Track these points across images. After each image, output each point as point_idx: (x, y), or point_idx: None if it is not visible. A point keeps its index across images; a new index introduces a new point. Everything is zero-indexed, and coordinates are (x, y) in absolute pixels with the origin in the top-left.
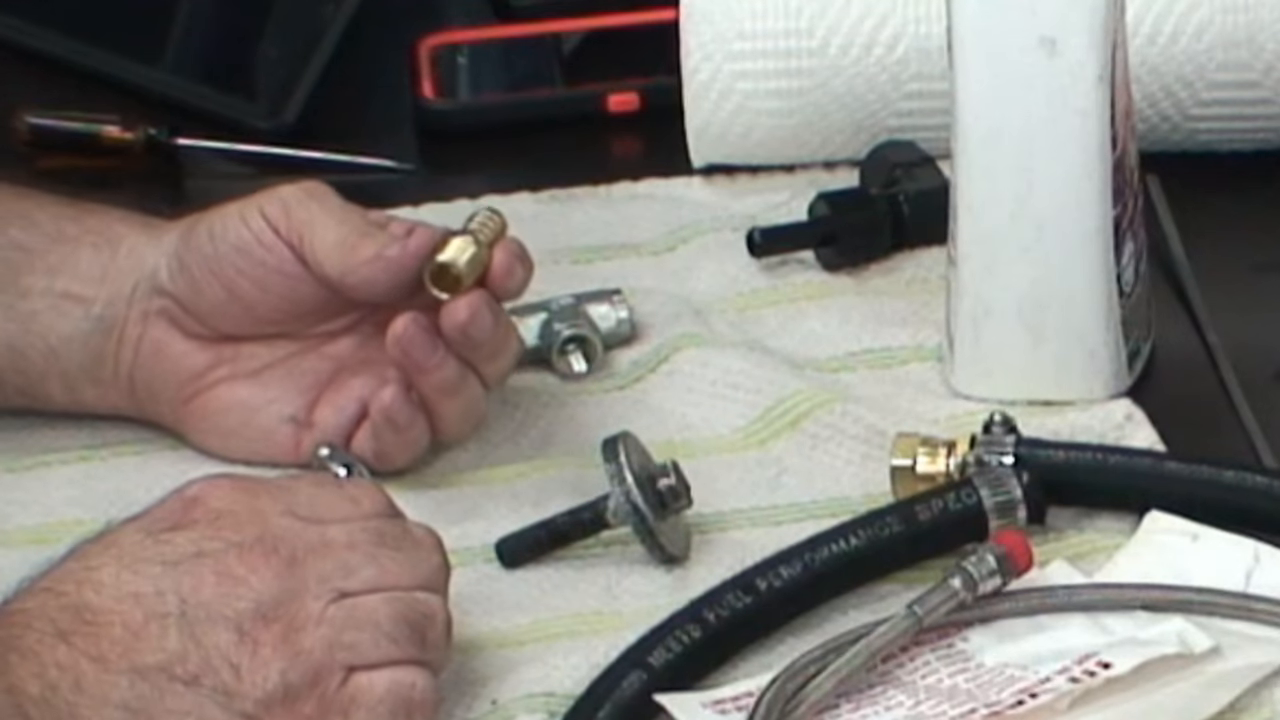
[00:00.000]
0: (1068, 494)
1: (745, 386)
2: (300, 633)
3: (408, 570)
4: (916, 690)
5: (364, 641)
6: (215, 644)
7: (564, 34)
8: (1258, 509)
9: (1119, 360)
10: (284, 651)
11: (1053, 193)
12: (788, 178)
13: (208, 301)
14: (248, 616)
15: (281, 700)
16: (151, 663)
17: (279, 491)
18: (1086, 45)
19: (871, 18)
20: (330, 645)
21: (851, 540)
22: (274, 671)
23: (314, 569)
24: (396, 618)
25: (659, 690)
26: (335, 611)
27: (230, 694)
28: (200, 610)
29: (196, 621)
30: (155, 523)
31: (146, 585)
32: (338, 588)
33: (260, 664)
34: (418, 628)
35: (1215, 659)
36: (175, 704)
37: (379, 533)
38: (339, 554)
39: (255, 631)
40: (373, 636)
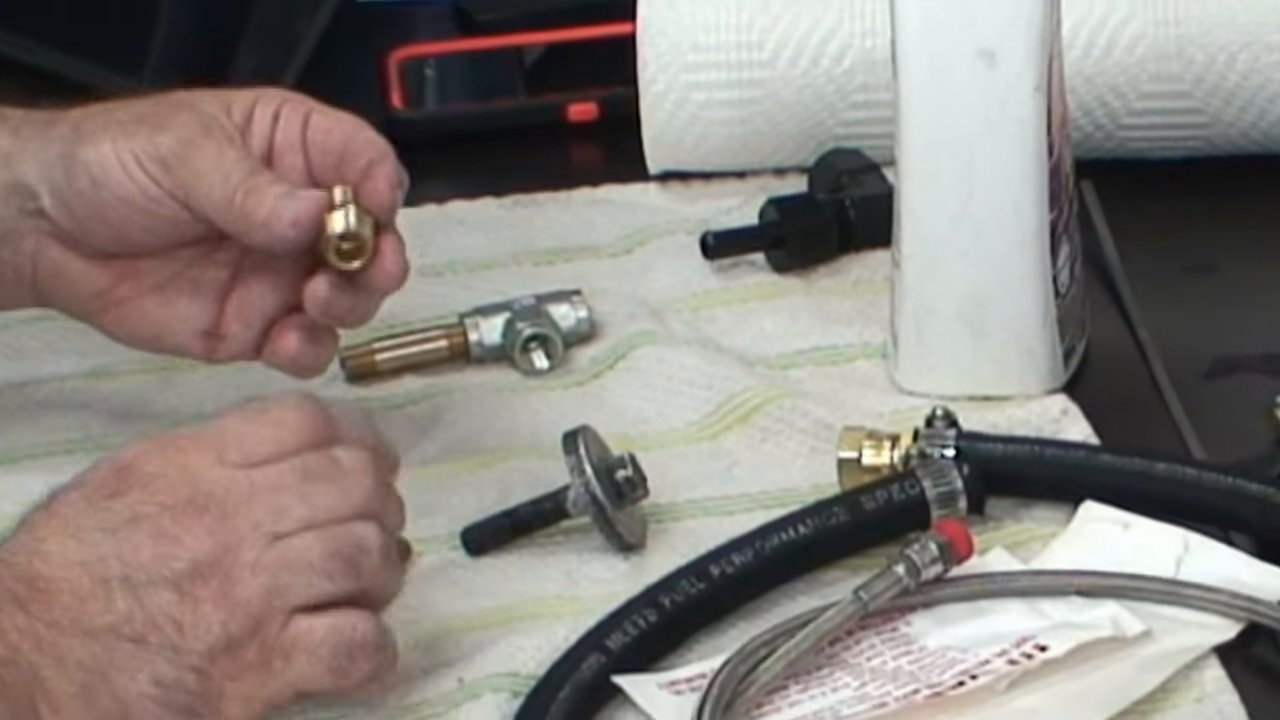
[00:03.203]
0: (1006, 485)
1: (699, 382)
2: (237, 584)
3: (339, 501)
4: (862, 672)
5: (299, 583)
6: (158, 604)
7: (526, 47)
8: (1187, 499)
9: (1055, 357)
10: (223, 605)
11: (992, 198)
12: (739, 184)
13: (97, 236)
14: (185, 575)
15: (225, 650)
16: (100, 625)
17: (206, 441)
18: (1024, 57)
19: (819, 31)
20: (267, 592)
21: (800, 529)
22: (215, 624)
23: (246, 518)
24: (328, 554)
25: (617, 672)
26: (269, 557)
27: (177, 649)
28: (141, 573)
29: (138, 584)
30: (93, 491)
31: (89, 552)
32: (270, 532)
33: (202, 619)
34: (351, 560)
35: (1147, 642)
36: (126, 662)
37: (306, 469)
38: (268, 498)
39: (194, 589)
40: (306, 577)
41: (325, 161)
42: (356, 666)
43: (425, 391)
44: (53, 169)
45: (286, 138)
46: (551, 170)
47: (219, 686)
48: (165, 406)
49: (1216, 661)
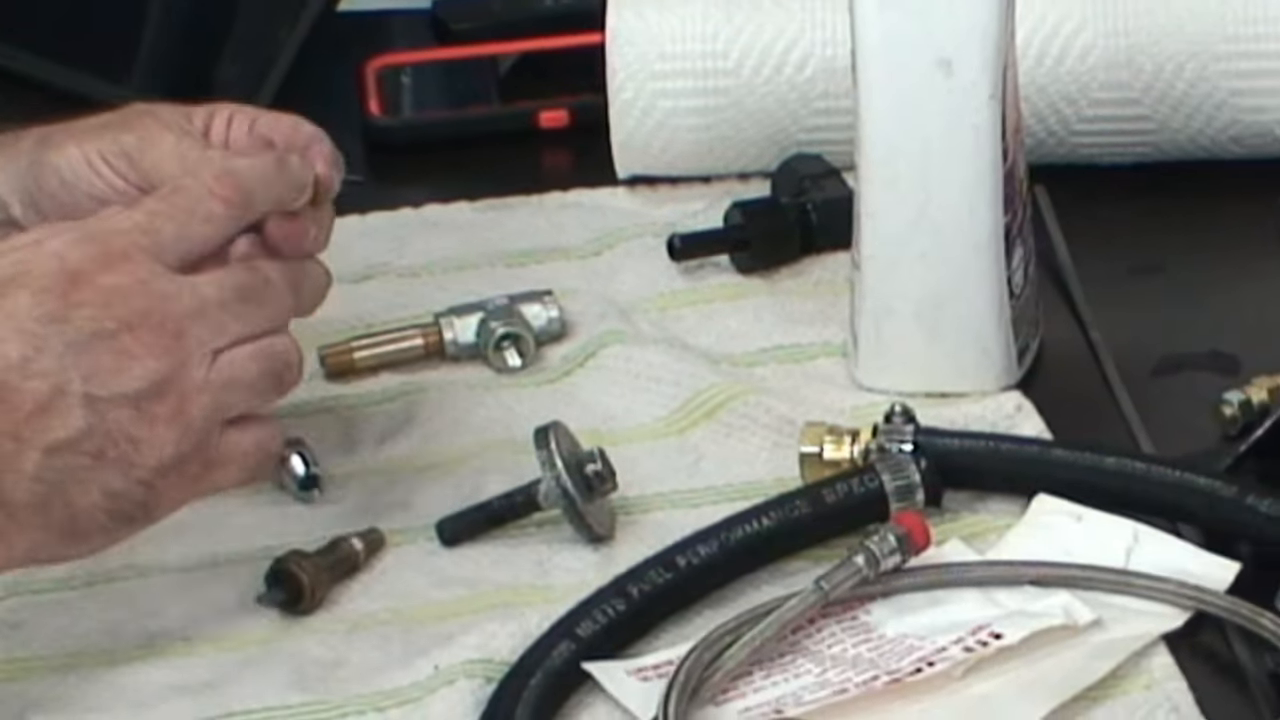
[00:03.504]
0: (962, 479)
1: (666, 380)
2: (188, 403)
3: (269, 318)
4: (823, 659)
5: (238, 401)
6: (117, 420)
7: (499, 56)
8: (1136, 492)
9: (1009, 356)
10: (176, 423)
11: (948, 202)
12: (705, 188)
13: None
14: (144, 394)
15: (174, 466)
16: (61, 439)
17: (143, 241)
18: (980, 66)
19: (782, 41)
20: (212, 409)
21: (763, 521)
22: (169, 443)
23: (193, 335)
24: (261, 372)
25: (587, 659)
26: (213, 376)
27: (131, 464)
28: (103, 389)
29: (99, 400)
30: (45, 295)
31: (50, 363)
32: (213, 348)
33: (156, 437)
34: (279, 375)
35: (1098, 630)
36: (82, 475)
37: (241, 288)
38: (212, 315)
39: (150, 407)
40: (244, 395)
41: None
42: (265, 472)
43: (402, 389)
44: (23, 178)
45: (237, 136)
46: (523, 175)
47: (159, 497)
48: None
49: (1165, 649)
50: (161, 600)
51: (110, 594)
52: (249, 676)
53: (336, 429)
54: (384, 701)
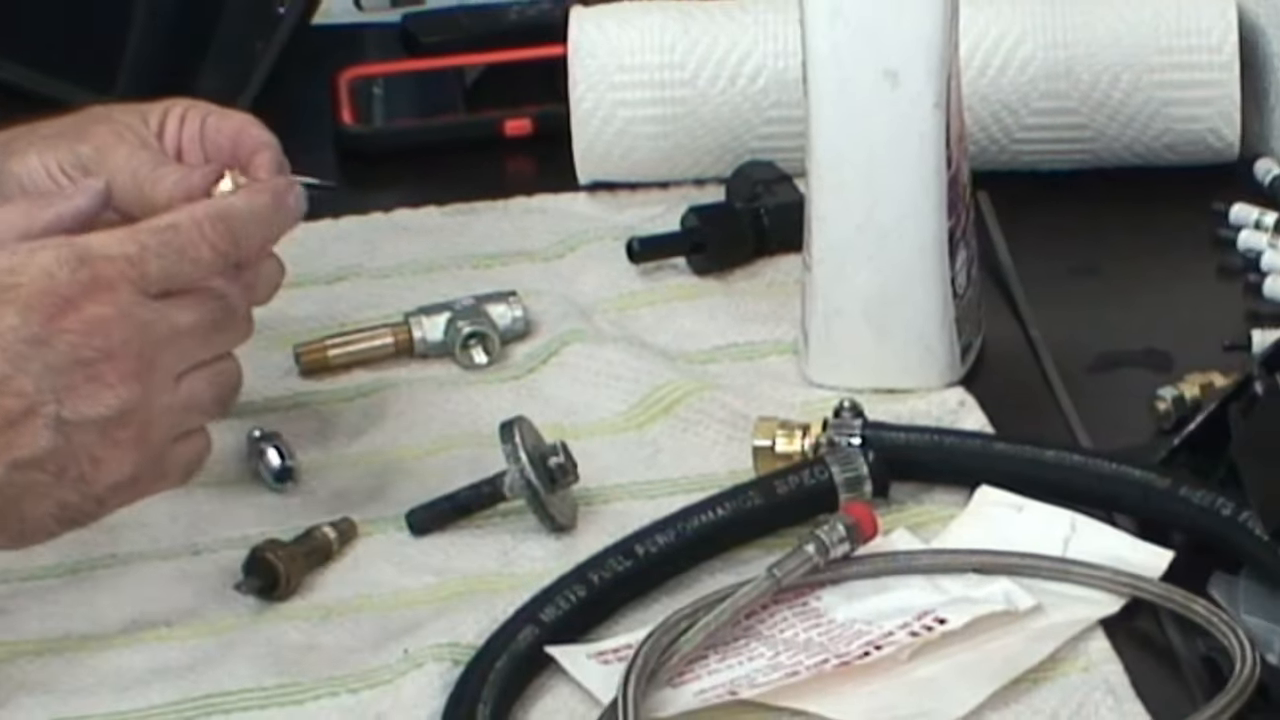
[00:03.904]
0: (908, 471)
1: (625, 376)
2: (151, 428)
3: (228, 344)
4: (775, 643)
5: (191, 422)
6: (82, 443)
7: (466, 67)
8: (1074, 484)
9: (953, 353)
10: (137, 449)
11: (895, 206)
12: (662, 193)
13: None
14: (111, 421)
15: (128, 484)
16: (26, 457)
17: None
18: (925, 77)
19: (736, 53)
20: (169, 431)
21: (718, 511)
22: (128, 465)
23: (164, 363)
24: (215, 397)
25: (550, 643)
26: (175, 401)
27: (88, 482)
28: (74, 414)
29: (68, 423)
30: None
31: (29, 384)
32: (176, 373)
33: (116, 459)
34: (226, 398)
35: (1038, 615)
36: (41, 490)
37: (212, 318)
38: (182, 342)
39: (116, 432)
40: (198, 417)
41: (219, 154)
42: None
43: (373, 385)
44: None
45: (189, 135)
46: (489, 181)
47: (107, 509)
48: None
49: (1101, 633)
50: (143, 587)
51: (94, 581)
52: (227, 660)
53: (311, 424)
54: (356, 684)
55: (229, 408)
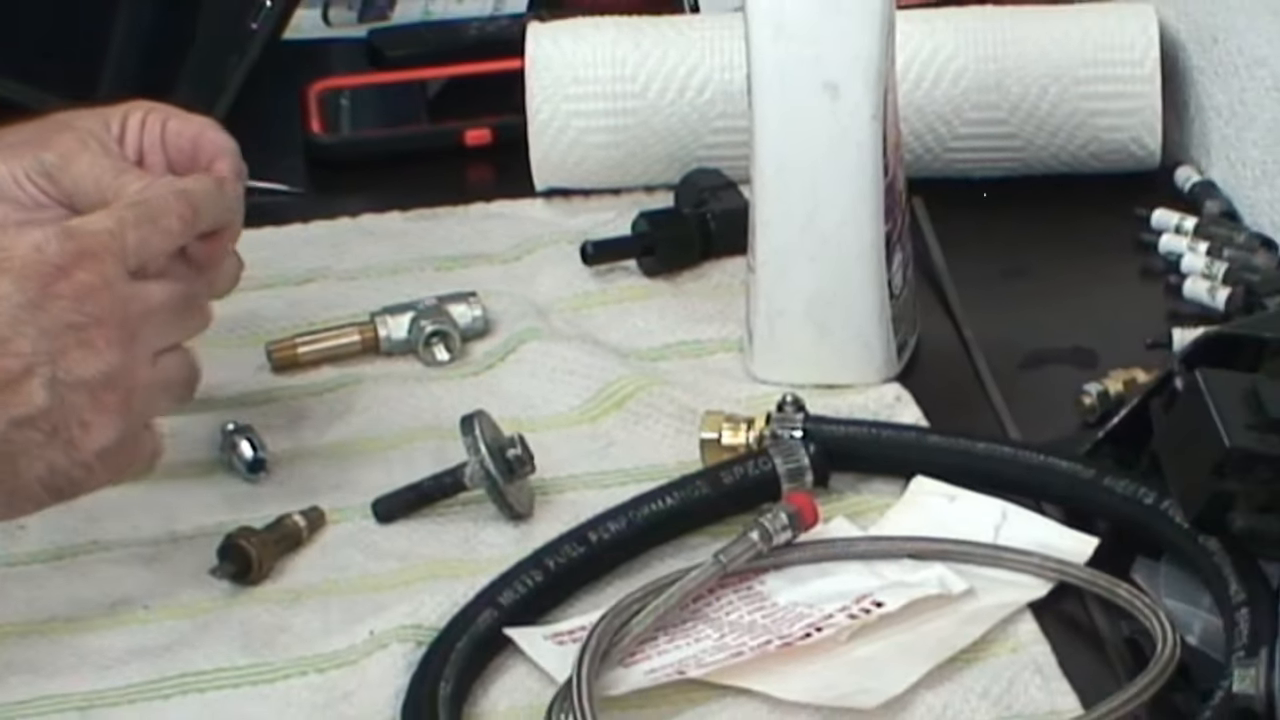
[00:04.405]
0: (847, 462)
1: (579, 372)
2: (133, 396)
3: (194, 328)
4: (721, 625)
5: (162, 403)
6: (73, 405)
7: (429, 80)
8: (1005, 475)
9: (890, 351)
10: (121, 414)
11: (834, 212)
12: (614, 199)
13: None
14: (100, 383)
15: (111, 453)
16: (21, 414)
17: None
18: (863, 90)
19: (684, 66)
20: (147, 405)
21: (667, 500)
22: (112, 430)
23: (143, 337)
24: (182, 380)
25: (508, 625)
26: (154, 377)
27: (76, 446)
28: (67, 375)
29: (62, 383)
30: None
31: (25, 345)
32: (155, 349)
33: (103, 423)
34: (190, 385)
35: (970, 599)
36: (34, 450)
37: (183, 299)
38: (158, 319)
39: (103, 396)
40: (167, 399)
41: (180, 158)
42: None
43: (341, 380)
44: None
45: (150, 140)
46: (451, 188)
47: (92, 478)
48: None
49: (1030, 616)
50: (123, 573)
51: (75, 567)
52: (202, 641)
53: (282, 417)
54: (324, 664)
55: (189, 395)
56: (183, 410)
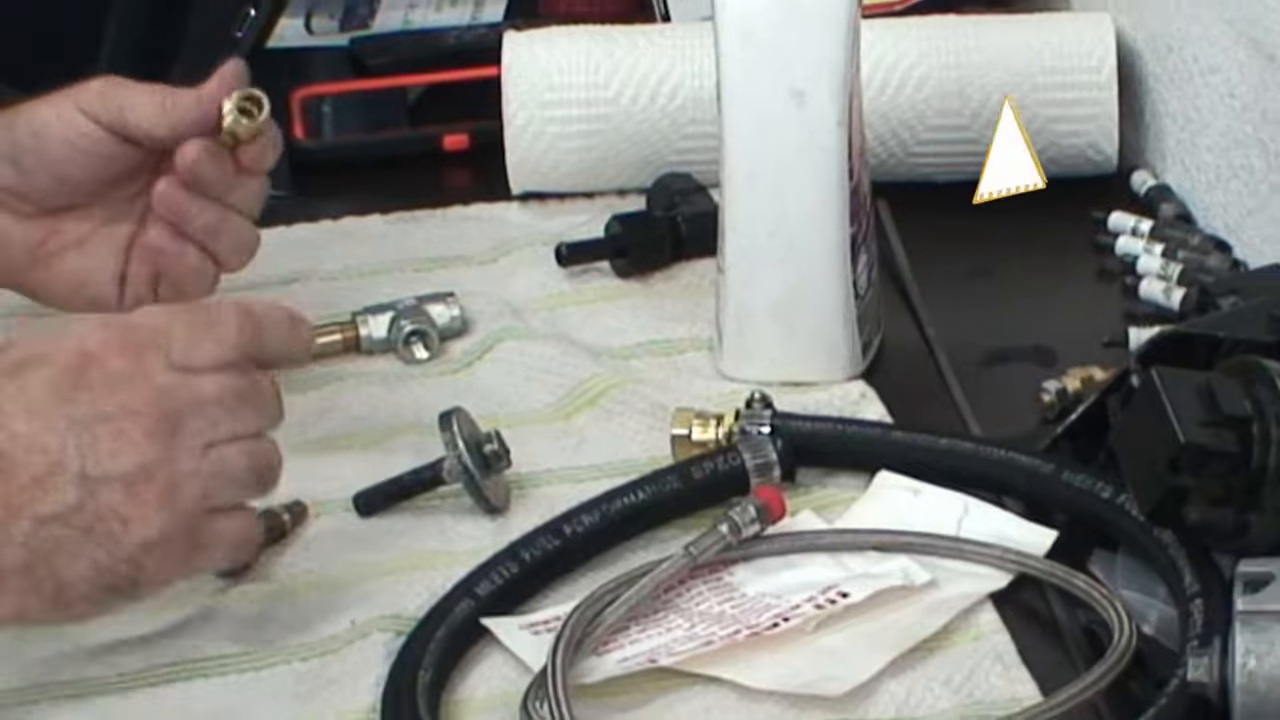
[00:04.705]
0: (813, 457)
1: (554, 370)
2: (177, 489)
3: (258, 421)
4: (691, 615)
5: (226, 492)
6: (107, 499)
7: (409, 87)
8: (966, 470)
9: (855, 349)
10: (165, 506)
11: (801, 215)
12: (588, 202)
13: (36, 187)
14: (136, 477)
15: (159, 545)
16: (51, 512)
17: (159, 340)
18: (829, 97)
19: (655, 74)
20: (201, 496)
21: (639, 494)
22: (155, 524)
23: (189, 427)
24: (249, 469)
25: (485, 615)
26: (204, 466)
27: (117, 541)
28: (97, 469)
29: (93, 479)
30: (60, 375)
31: (54, 440)
32: (206, 441)
33: (143, 518)
34: (262, 474)
35: (933, 590)
36: (70, 547)
37: (238, 391)
38: (208, 410)
39: (141, 489)
40: (231, 488)
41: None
42: (244, 556)
43: (323, 378)
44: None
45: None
46: (429, 191)
47: (147, 575)
48: None
49: (991, 607)
50: None
51: None
52: (191, 631)
53: None
54: (307, 652)
55: (265, 485)
56: None
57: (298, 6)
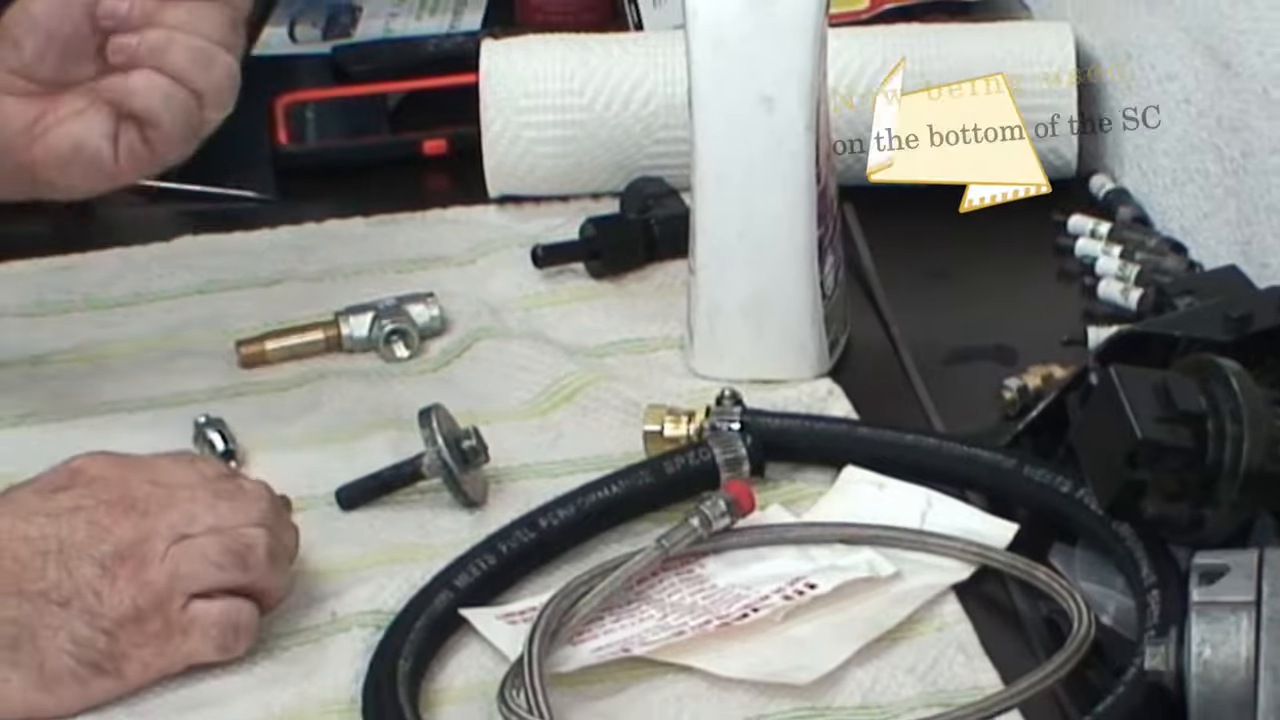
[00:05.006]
0: (782, 452)
1: (530, 368)
2: (148, 568)
3: (238, 513)
4: (664, 606)
5: (197, 571)
6: (83, 576)
7: (389, 93)
8: (930, 464)
9: (822, 348)
10: (135, 582)
11: (770, 217)
12: (563, 205)
13: (29, 53)
14: (109, 556)
15: (133, 620)
16: (34, 589)
17: (143, 464)
18: (797, 103)
19: (629, 81)
20: (171, 576)
21: (613, 488)
22: (127, 598)
23: (163, 519)
24: (223, 550)
25: (463, 606)
26: (176, 550)
27: (94, 614)
28: (73, 550)
29: (70, 558)
30: (44, 486)
31: (34, 530)
32: (180, 532)
33: (117, 592)
34: (241, 556)
35: (897, 581)
36: (51, 620)
37: (216, 489)
38: (183, 506)
39: (114, 567)
40: (203, 567)
41: None
42: (239, 644)
43: (306, 376)
44: None
45: None
46: (410, 195)
47: (124, 649)
48: (97, 388)
49: (954, 598)
50: None
51: None
52: None
53: (251, 410)
54: (288, 642)
55: (246, 568)
56: (156, 405)
57: (282, 15)
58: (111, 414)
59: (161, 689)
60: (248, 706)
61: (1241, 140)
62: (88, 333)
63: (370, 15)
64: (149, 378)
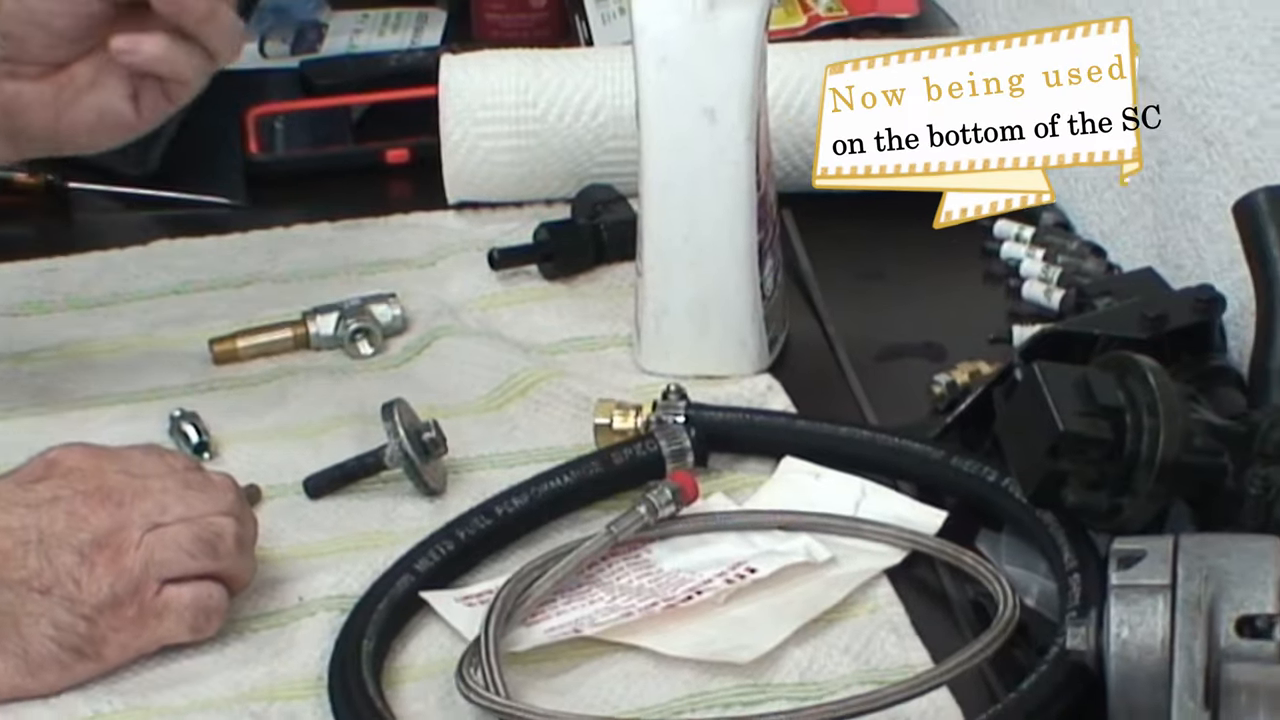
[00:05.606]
0: (724, 444)
1: (487, 365)
2: (124, 555)
3: (206, 503)
4: (613, 589)
5: (171, 559)
6: (63, 564)
7: (354, 105)
8: (864, 456)
9: (762, 346)
10: (112, 570)
11: (713, 222)
12: (518, 211)
13: (35, 44)
14: (87, 544)
15: (110, 605)
16: (16, 578)
17: (116, 455)
18: (738, 115)
19: (580, 93)
20: (146, 564)
21: (565, 478)
22: (105, 585)
23: (137, 509)
24: (194, 538)
25: (424, 589)
26: (150, 538)
27: (74, 601)
28: (53, 539)
29: (50, 548)
30: (24, 477)
31: (14, 521)
32: (154, 521)
33: (95, 579)
34: (211, 543)
35: (833, 566)
36: (33, 608)
37: (185, 480)
38: (155, 496)
39: (92, 555)
40: (176, 554)
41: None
42: (210, 625)
43: (275, 372)
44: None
45: None
46: (373, 201)
47: (103, 633)
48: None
49: (887, 581)
50: None
51: None
52: None
53: (224, 404)
54: (258, 624)
55: (217, 555)
56: (134, 399)
57: (252, 31)
58: (92, 408)
59: (139, 668)
60: (220, 684)
61: (1158, 149)
62: (69, 331)
63: (336, 32)
64: (127, 374)
